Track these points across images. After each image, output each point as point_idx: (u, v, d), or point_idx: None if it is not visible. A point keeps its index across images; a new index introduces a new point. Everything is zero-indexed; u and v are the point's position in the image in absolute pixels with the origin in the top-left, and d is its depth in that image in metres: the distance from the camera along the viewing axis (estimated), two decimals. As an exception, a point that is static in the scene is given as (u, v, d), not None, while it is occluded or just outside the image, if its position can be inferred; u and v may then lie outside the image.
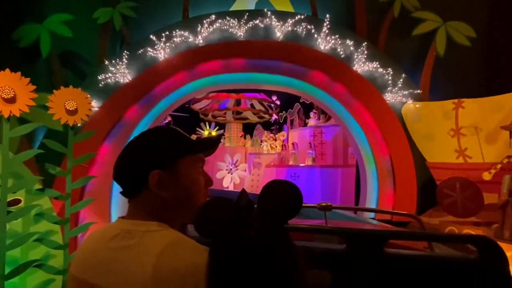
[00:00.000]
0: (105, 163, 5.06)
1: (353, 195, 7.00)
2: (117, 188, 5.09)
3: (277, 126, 17.22)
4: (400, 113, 4.90)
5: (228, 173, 11.44)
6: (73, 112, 3.18)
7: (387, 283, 1.11)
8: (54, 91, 3.03)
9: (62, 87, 3.07)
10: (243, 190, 0.65)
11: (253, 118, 14.88)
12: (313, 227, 1.41)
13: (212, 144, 0.82)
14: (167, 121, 22.83)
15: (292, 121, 15.79)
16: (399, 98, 4.93)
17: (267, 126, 15.96)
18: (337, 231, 1.33)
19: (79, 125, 3.26)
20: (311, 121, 10.62)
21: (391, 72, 4.95)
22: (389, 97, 4.93)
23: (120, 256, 0.66)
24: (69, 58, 5.41)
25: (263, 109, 14.68)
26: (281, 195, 0.62)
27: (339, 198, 8.41)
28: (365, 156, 5.09)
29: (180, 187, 0.73)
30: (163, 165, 0.72)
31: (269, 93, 16.30)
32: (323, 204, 1.65)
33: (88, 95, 3.44)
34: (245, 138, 14.94)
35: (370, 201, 5.03)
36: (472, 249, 1.13)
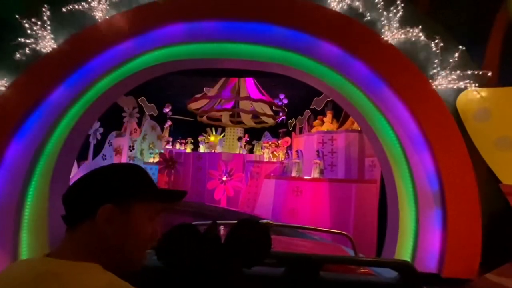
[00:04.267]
0: (14, 168, 3.49)
1: (374, 222, 5.22)
2: (32, 204, 3.41)
3: (285, 130, 15.71)
4: (454, 106, 3.16)
5: (221, 183, 9.79)
6: None
7: None
8: None
9: None
10: (214, 222, 0.68)
11: (249, 123, 13.29)
12: None
13: (175, 197, 0.75)
14: (168, 124, 21.51)
15: (301, 129, 14.33)
16: (453, 82, 3.19)
17: (277, 133, 14.55)
18: (274, 256, 1.31)
19: None
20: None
21: (441, 43, 3.23)
22: (438, 81, 3.20)
23: None
24: (-18, 20, 3.91)
25: (268, 112, 13.08)
26: (248, 236, 0.65)
27: (352, 222, 6.60)
28: (397, 171, 3.35)
29: (127, 230, 0.68)
30: (118, 201, 0.67)
31: (275, 92, 14.82)
32: (264, 221, 1.61)
33: None
34: (247, 144, 13.38)
35: (404, 239, 3.24)
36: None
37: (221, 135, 14.01)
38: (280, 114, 13.43)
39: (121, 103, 20.20)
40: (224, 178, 9.76)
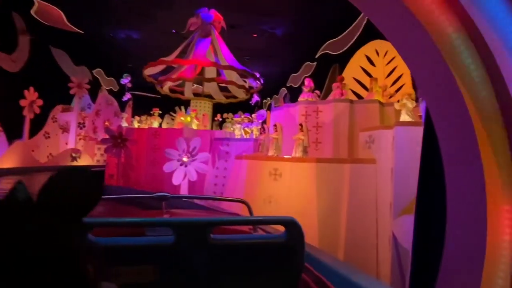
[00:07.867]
0: None
1: (374, 215, 3.77)
2: None
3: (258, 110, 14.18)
4: None
5: (181, 165, 7.99)
6: None
7: (213, 268, 1.19)
8: None
9: None
10: (19, 181, 0.55)
11: (218, 96, 11.49)
12: (128, 221, 1.32)
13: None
14: (127, 98, 18.89)
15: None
16: None
17: (250, 110, 13.05)
18: (161, 223, 1.35)
19: None
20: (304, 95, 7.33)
21: None
22: None
23: None
24: None
25: (239, 82, 11.33)
26: (68, 188, 0.55)
27: (344, 212, 5.18)
28: (483, 136, 1.80)
29: None
30: None
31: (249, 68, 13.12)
32: (160, 194, 1.69)
33: None
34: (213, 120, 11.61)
35: (495, 258, 1.75)
36: None
37: (192, 114, 12.06)
38: (254, 86, 11.74)
39: (69, 72, 17.34)
40: (184, 159, 7.96)
